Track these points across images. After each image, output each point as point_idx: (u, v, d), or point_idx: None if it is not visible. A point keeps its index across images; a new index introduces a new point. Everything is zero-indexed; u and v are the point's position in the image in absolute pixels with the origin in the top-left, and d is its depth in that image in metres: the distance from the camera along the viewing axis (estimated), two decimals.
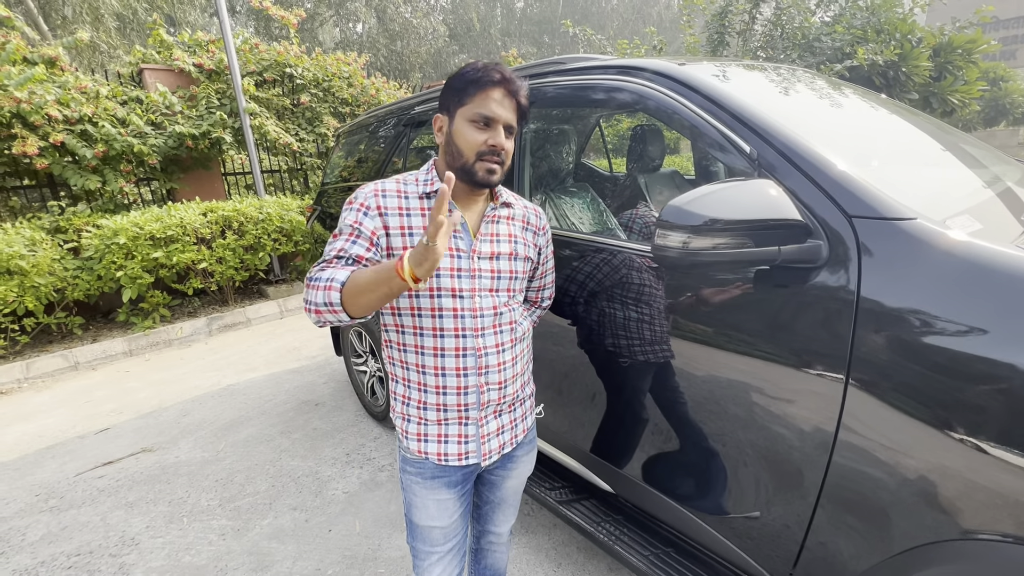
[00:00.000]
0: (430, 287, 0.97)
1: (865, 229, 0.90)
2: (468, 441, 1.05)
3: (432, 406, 1.03)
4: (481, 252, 1.01)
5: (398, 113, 2.56)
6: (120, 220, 4.26)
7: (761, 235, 0.91)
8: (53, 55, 4.64)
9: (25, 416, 3.22)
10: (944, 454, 0.81)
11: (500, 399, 1.06)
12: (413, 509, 1.11)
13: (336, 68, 6.54)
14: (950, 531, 0.81)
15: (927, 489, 0.83)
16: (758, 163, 1.04)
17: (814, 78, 1.67)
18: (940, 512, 0.82)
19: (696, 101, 1.18)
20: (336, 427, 2.82)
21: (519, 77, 0.97)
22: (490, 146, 0.94)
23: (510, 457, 1.16)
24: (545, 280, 1.25)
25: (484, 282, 1.00)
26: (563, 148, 2.06)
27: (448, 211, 0.78)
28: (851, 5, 5.44)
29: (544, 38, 23.71)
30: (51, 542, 2.04)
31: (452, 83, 0.98)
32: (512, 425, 1.12)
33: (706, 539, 1.26)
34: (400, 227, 0.97)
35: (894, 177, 1.10)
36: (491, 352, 1.02)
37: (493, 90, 0.94)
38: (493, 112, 0.94)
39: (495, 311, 1.02)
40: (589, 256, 1.45)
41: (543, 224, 1.16)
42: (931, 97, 5.34)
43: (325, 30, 19.27)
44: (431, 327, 0.99)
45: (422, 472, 1.06)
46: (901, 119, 1.61)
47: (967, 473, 0.78)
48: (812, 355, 0.95)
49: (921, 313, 0.82)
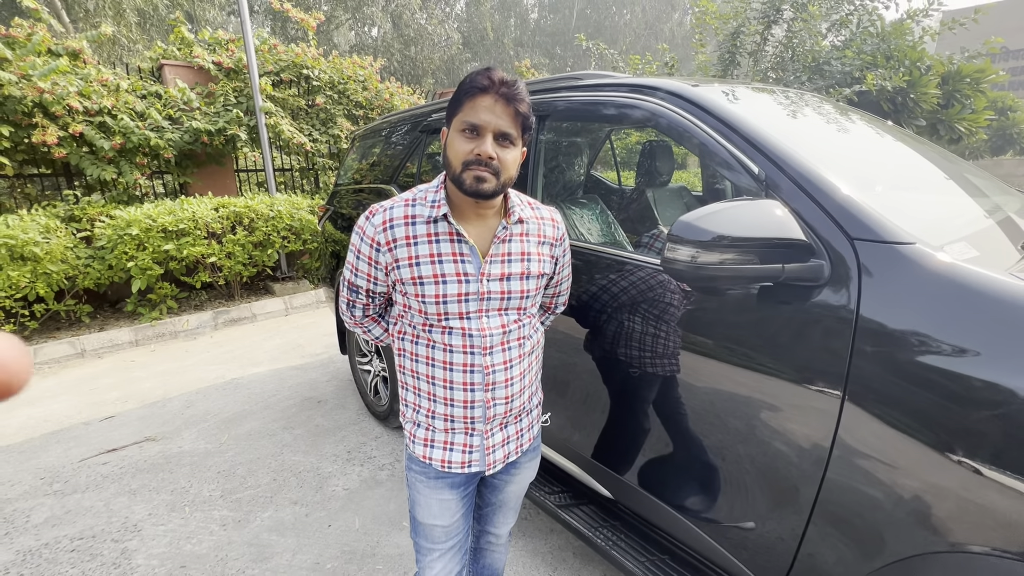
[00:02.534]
0: (438, 312, 0.98)
1: (866, 251, 0.94)
2: (472, 451, 1.06)
3: (440, 415, 1.05)
4: (491, 274, 0.99)
5: (414, 119, 2.62)
6: (133, 212, 4.33)
7: (766, 253, 0.95)
8: (77, 48, 4.75)
9: (31, 400, 3.26)
10: (937, 471, 0.84)
11: (506, 412, 1.07)
12: (417, 506, 1.13)
13: (352, 71, 6.65)
14: (939, 544, 0.84)
15: (918, 505, 0.86)
16: (765, 184, 1.08)
17: (822, 103, 1.72)
18: (930, 527, 0.86)
19: (708, 122, 1.22)
20: (338, 424, 2.85)
21: (517, 82, 0.91)
22: (475, 155, 0.90)
23: (514, 464, 1.17)
24: (561, 287, 1.24)
25: (493, 303, 1.00)
26: (575, 160, 2.11)
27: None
28: (862, 31, 5.51)
29: (556, 50, 23.95)
30: (55, 525, 2.07)
31: (453, 94, 0.96)
32: (518, 435, 1.13)
33: (703, 547, 1.29)
34: (408, 257, 0.97)
35: (896, 203, 1.14)
36: (499, 369, 1.02)
37: (481, 97, 0.90)
38: (480, 120, 0.90)
39: (504, 329, 1.01)
40: (598, 267, 1.49)
41: (560, 234, 1.12)
42: (938, 124, 5.40)
43: (340, 33, 19.53)
44: (441, 342, 1.00)
45: (426, 472, 1.09)
46: (905, 146, 1.65)
47: (960, 491, 0.82)
48: (811, 371, 0.98)
49: (917, 334, 0.86)
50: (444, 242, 0.97)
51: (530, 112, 0.95)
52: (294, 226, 5.17)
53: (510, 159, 0.94)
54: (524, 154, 1.01)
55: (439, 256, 0.97)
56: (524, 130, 0.96)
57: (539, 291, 1.08)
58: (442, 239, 0.97)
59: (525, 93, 0.93)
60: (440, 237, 0.97)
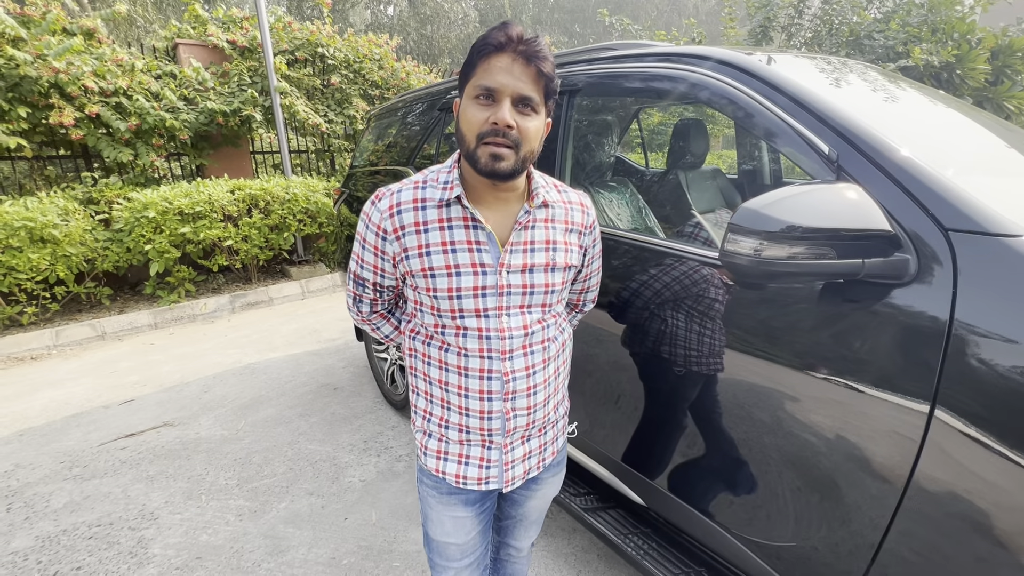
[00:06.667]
0: (451, 308, 0.86)
1: (963, 244, 0.80)
2: (490, 466, 0.95)
3: (454, 425, 0.94)
4: (511, 265, 0.86)
5: (432, 97, 2.49)
6: (150, 194, 4.31)
7: (844, 246, 0.81)
8: (92, 27, 4.67)
9: (53, 383, 3.29)
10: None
11: (528, 424, 0.95)
12: (429, 522, 1.03)
13: (367, 50, 6.48)
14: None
15: (1020, 541, 0.74)
16: (838, 165, 0.94)
17: (887, 75, 1.55)
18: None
19: (767, 94, 1.08)
20: (354, 413, 2.80)
21: (538, 38, 0.78)
22: (491, 124, 0.77)
23: (535, 479, 1.06)
24: (589, 282, 1.11)
25: (514, 299, 0.87)
26: (605, 140, 1.97)
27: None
28: (907, 1, 5.15)
29: (576, 27, 23.29)
30: (73, 511, 2.06)
31: (466, 58, 0.82)
32: (540, 449, 1.01)
33: (746, 564, 1.19)
34: (418, 246, 0.85)
35: (993, 189, 0.99)
36: (520, 376, 0.90)
37: (496, 57, 0.77)
38: (496, 82, 0.76)
39: (526, 331, 0.89)
40: (638, 258, 1.37)
41: (591, 221, 0.99)
42: (985, 102, 5.05)
43: (356, 11, 19.20)
44: (455, 344, 0.89)
45: (438, 487, 0.98)
46: (985, 126, 1.47)
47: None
48: (890, 381, 0.86)
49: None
50: (458, 228, 0.85)
51: (554, 73, 0.80)
52: (310, 209, 5.10)
53: (532, 128, 0.80)
54: (549, 126, 0.87)
55: (452, 244, 0.85)
56: (548, 95, 0.82)
57: (565, 286, 0.95)
58: (455, 225, 0.85)
59: (548, 51, 0.79)
60: (453, 223, 0.85)
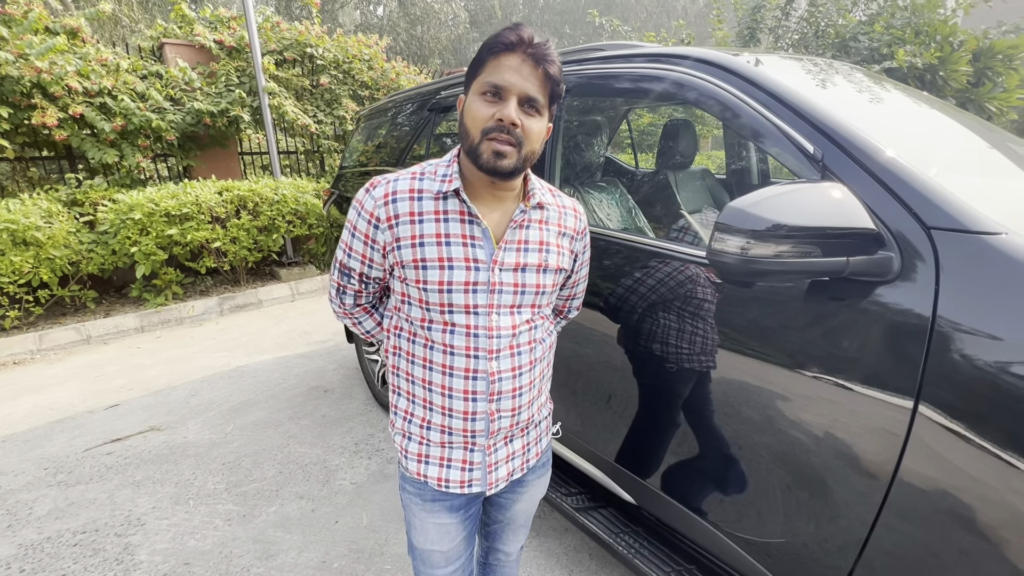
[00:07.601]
0: (441, 303, 0.86)
1: (945, 242, 0.81)
2: (473, 468, 0.95)
3: (436, 426, 0.93)
4: (504, 263, 0.87)
5: (422, 98, 2.48)
6: (136, 195, 4.24)
7: (829, 244, 0.82)
8: (75, 26, 4.60)
9: (37, 388, 3.23)
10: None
11: (512, 425, 0.95)
12: (412, 530, 1.02)
13: (357, 50, 6.45)
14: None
15: (1002, 534, 0.76)
16: (822, 164, 0.95)
17: (872, 77, 1.57)
18: (1011, 560, 0.75)
19: (753, 94, 1.09)
20: (345, 415, 2.78)
21: (548, 41, 0.81)
22: (497, 120, 0.79)
23: (520, 481, 1.05)
24: (576, 289, 1.11)
25: (505, 298, 0.87)
26: (594, 140, 1.97)
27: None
28: (891, 4, 5.23)
29: (566, 29, 23.38)
30: (58, 518, 2.02)
31: (476, 54, 0.85)
32: (524, 450, 1.01)
33: (736, 561, 1.20)
34: (411, 236, 0.85)
35: (974, 187, 1.00)
36: (506, 377, 0.89)
37: (507, 56, 0.79)
38: (504, 80, 0.78)
39: (514, 331, 0.89)
40: (628, 258, 1.37)
41: (582, 227, 1.01)
42: (967, 103, 5.14)
43: (345, 12, 19.10)
44: (441, 342, 0.88)
45: (421, 494, 0.97)
46: (966, 126, 1.50)
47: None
48: (874, 378, 0.87)
49: (1009, 341, 0.74)
50: (453, 222, 0.85)
51: (560, 77, 0.83)
52: (299, 210, 5.06)
53: (535, 129, 0.82)
54: (550, 131, 0.88)
55: (446, 237, 0.85)
56: (552, 99, 0.84)
57: (555, 288, 0.96)
58: (451, 218, 0.85)
59: (556, 55, 0.81)
60: (449, 216, 0.85)
